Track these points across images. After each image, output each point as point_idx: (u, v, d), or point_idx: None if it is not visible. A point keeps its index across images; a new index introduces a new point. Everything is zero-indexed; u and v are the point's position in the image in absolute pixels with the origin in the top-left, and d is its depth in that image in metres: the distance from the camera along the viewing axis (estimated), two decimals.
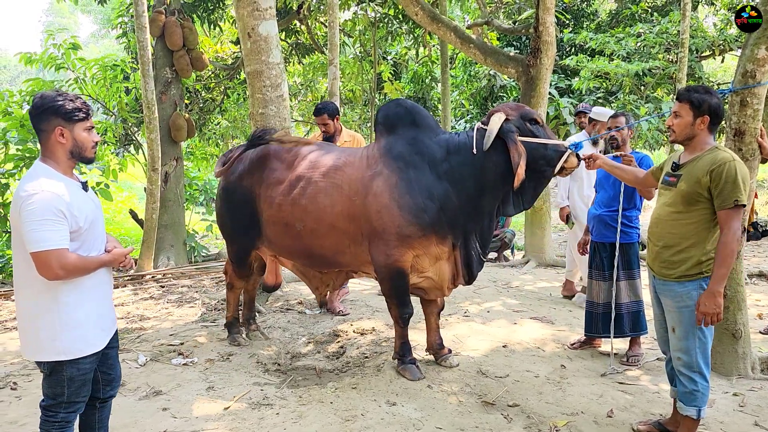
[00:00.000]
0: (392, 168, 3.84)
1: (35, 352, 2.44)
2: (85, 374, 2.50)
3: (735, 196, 2.83)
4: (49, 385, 2.48)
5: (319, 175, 4.02)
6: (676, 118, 3.03)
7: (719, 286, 2.84)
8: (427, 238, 3.83)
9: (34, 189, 2.31)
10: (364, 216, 3.87)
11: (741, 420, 3.47)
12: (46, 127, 2.41)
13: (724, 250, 2.84)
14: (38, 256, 2.29)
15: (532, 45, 8.00)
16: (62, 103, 2.40)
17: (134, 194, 16.72)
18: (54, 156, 2.45)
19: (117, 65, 9.21)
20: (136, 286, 7.31)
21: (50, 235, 2.28)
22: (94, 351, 2.51)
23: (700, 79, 12.08)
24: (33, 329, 2.42)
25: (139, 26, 7.30)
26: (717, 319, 2.86)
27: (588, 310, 4.60)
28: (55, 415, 2.49)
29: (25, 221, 2.28)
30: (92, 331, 2.49)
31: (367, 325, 5.21)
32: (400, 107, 4.08)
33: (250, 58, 5.49)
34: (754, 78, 3.76)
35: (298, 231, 4.06)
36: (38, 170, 2.41)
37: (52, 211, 2.29)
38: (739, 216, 2.87)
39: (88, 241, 2.49)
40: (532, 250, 8.50)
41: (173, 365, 4.31)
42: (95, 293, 2.52)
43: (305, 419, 3.40)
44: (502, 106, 3.97)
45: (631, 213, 4.43)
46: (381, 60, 14.12)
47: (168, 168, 8.74)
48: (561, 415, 3.54)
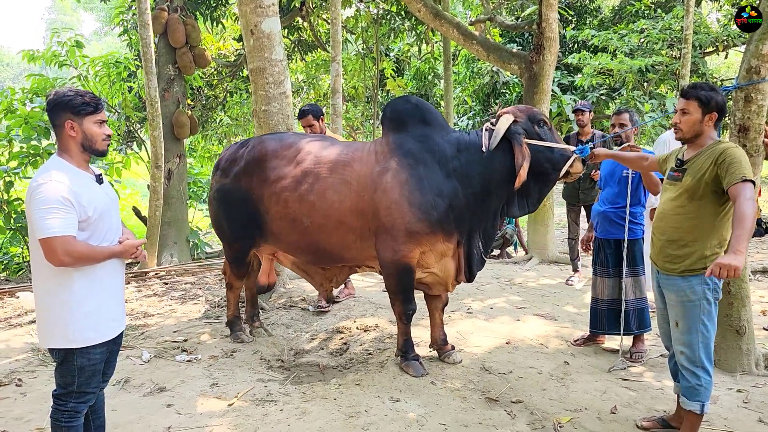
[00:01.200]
0: (402, 164, 3.86)
1: (48, 339, 2.51)
2: (94, 364, 2.56)
3: (742, 172, 2.79)
4: (61, 374, 2.55)
5: (326, 171, 4.02)
6: (684, 116, 3.02)
7: (740, 245, 2.64)
8: (434, 235, 3.85)
9: (43, 179, 2.39)
10: (373, 211, 3.88)
11: (745, 416, 3.47)
12: (58, 121, 2.51)
13: (740, 214, 2.70)
14: (45, 242, 2.36)
15: (535, 41, 7.98)
16: (72, 97, 2.49)
17: (137, 191, 16.74)
18: (68, 150, 2.53)
19: (120, 62, 9.22)
20: (140, 283, 7.32)
21: (56, 222, 2.35)
22: (104, 340, 2.57)
23: (703, 75, 12.04)
24: (46, 317, 2.50)
25: (142, 23, 7.31)
26: (735, 274, 2.61)
27: (593, 307, 4.60)
28: (65, 404, 2.55)
29: (33, 209, 2.37)
30: (103, 320, 2.56)
31: (370, 321, 5.22)
32: (409, 104, 4.09)
33: (252, 55, 5.49)
34: (758, 74, 3.74)
35: (305, 226, 4.06)
36: (51, 163, 2.50)
37: (59, 200, 2.37)
38: (750, 188, 2.77)
39: (99, 231, 2.54)
40: (535, 247, 8.49)
41: (177, 362, 4.33)
42: (107, 284, 2.58)
43: (309, 415, 3.41)
44: (512, 107, 4.01)
45: (636, 209, 4.42)
46: (383, 57, 14.10)
47: (171, 165, 8.76)
48: (564, 411, 3.54)
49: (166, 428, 3.28)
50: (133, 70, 9.49)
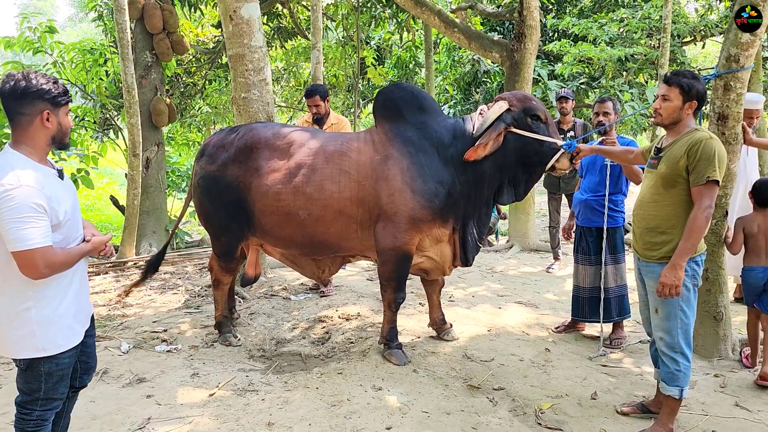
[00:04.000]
0: (403, 152, 3.86)
1: (13, 350, 2.32)
2: (63, 369, 2.40)
3: (708, 173, 2.88)
4: (25, 380, 2.37)
5: (322, 162, 3.96)
6: (664, 102, 3.06)
7: (681, 259, 2.90)
8: (434, 222, 3.89)
9: (11, 183, 2.16)
10: (374, 200, 3.86)
11: (722, 401, 3.53)
12: (29, 110, 2.27)
13: (691, 225, 2.90)
14: (22, 255, 2.16)
15: (517, 29, 7.97)
16: (49, 87, 2.28)
17: (115, 180, 16.50)
18: (32, 142, 2.31)
19: (96, 49, 9.03)
20: (118, 273, 7.22)
21: (33, 233, 2.16)
22: (73, 345, 2.42)
23: (682, 64, 12.14)
24: (9, 327, 2.30)
25: (118, 8, 7.15)
26: (675, 292, 2.91)
27: (575, 295, 4.64)
28: (30, 412, 2.38)
29: (4, 219, 2.14)
30: (72, 325, 2.40)
31: (352, 310, 5.21)
32: (404, 90, 4.08)
33: (232, 42, 5.40)
34: (737, 62, 3.77)
35: (301, 220, 3.98)
36: (11, 160, 2.25)
37: (32, 207, 2.16)
38: (711, 192, 2.91)
39: (69, 234, 2.38)
40: (516, 235, 8.54)
41: (157, 352, 4.27)
42: (73, 285, 2.42)
43: (291, 405, 3.39)
44: (510, 94, 4.03)
45: (617, 197, 4.46)
46: (364, 45, 14.00)
47: (149, 153, 8.62)
48: (546, 397, 3.57)
49: (146, 419, 3.24)
50: (109, 56, 9.30)
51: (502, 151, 3.86)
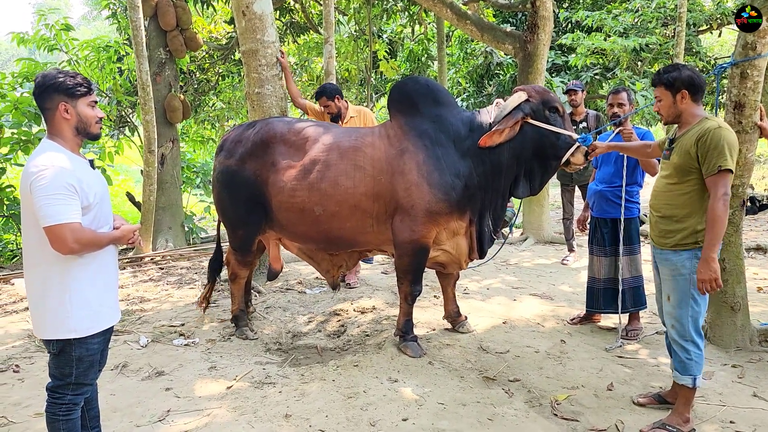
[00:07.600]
0: (418, 146, 3.86)
1: (46, 331, 2.42)
2: (92, 354, 2.49)
3: (719, 162, 2.86)
4: (57, 365, 2.46)
5: (336, 157, 3.97)
6: (659, 103, 3.12)
7: (711, 251, 2.88)
8: (451, 215, 3.89)
9: (44, 164, 2.29)
10: (391, 194, 3.87)
11: (740, 391, 3.51)
12: (50, 105, 2.41)
13: (711, 215, 2.89)
14: (52, 230, 2.27)
15: (529, 21, 7.92)
16: (63, 79, 2.40)
17: (131, 177, 16.64)
18: (61, 133, 2.44)
19: (110, 46, 9.11)
20: (135, 268, 7.31)
21: (63, 209, 2.27)
22: (103, 328, 2.50)
23: (697, 53, 12.00)
24: (44, 308, 2.41)
25: (132, 6, 7.21)
26: (716, 285, 2.88)
27: (590, 286, 4.62)
28: (62, 396, 2.47)
29: (37, 196, 2.27)
30: (102, 309, 2.49)
31: (367, 303, 5.23)
32: (419, 84, 4.07)
33: (245, 37, 5.43)
34: (754, 50, 3.73)
35: (316, 216, 4.00)
36: (46, 146, 2.40)
37: (64, 185, 2.29)
38: (725, 181, 2.89)
39: (98, 218, 2.48)
40: (531, 227, 8.51)
41: (175, 346, 4.33)
42: (104, 271, 2.52)
43: (308, 397, 3.42)
44: (530, 86, 4.02)
45: (633, 188, 4.43)
46: (376, 38, 13.97)
47: (164, 150, 8.70)
48: (561, 389, 3.57)
49: (166, 411, 3.28)
50: (123, 54, 9.38)
51: (519, 142, 3.85)
